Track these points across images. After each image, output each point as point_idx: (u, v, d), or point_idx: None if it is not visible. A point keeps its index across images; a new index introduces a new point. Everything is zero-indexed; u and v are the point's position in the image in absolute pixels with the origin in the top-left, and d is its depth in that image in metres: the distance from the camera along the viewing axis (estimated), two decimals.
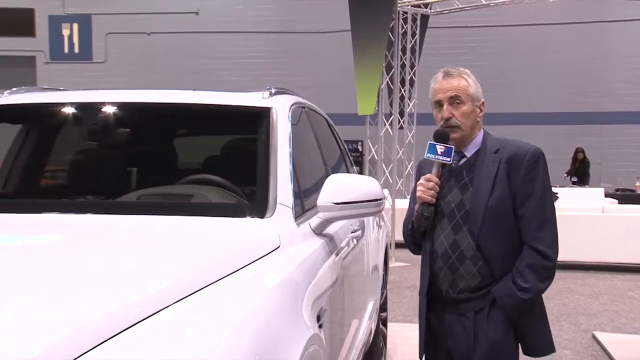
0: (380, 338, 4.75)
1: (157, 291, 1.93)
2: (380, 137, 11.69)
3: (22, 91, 3.47)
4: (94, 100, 3.45)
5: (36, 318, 1.75)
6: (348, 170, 4.50)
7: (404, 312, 6.96)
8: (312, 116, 3.74)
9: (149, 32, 21.50)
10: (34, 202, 3.16)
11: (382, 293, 4.81)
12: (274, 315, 2.05)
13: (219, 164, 3.44)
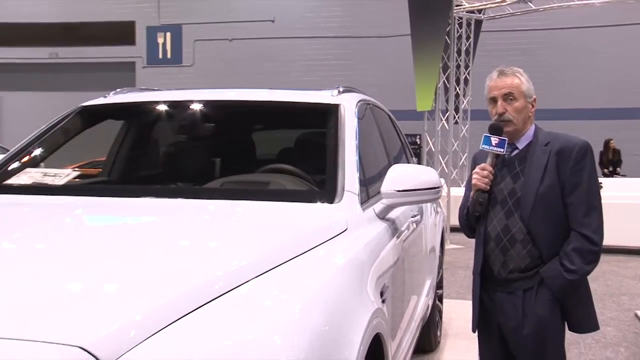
0: (437, 313, 4.70)
1: (238, 267, 1.95)
2: (437, 131, 11.59)
3: (124, 92, 3.56)
4: (184, 98, 3.50)
5: (138, 287, 1.79)
6: (408, 161, 4.45)
7: (457, 290, 6.87)
8: (376, 112, 3.72)
9: (231, 39, 21.74)
10: (134, 188, 3.23)
11: (439, 272, 4.75)
12: (342, 291, 2.04)
13: (292, 155, 3.45)
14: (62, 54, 23.28)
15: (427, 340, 4.41)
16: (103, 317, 1.62)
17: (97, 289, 1.80)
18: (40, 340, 1.51)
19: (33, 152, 3.21)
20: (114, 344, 1.53)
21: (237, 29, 21.46)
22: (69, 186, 3.06)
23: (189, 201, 2.69)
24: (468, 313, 2.98)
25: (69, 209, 2.60)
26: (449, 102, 11.79)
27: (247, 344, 1.60)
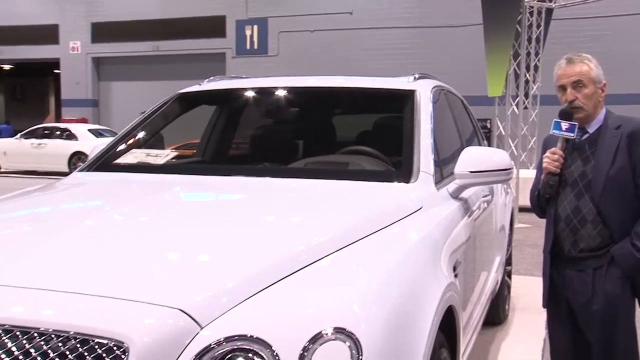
0: (505, 288, 4.59)
1: (320, 242, 1.95)
2: (507, 115, 11.28)
3: (216, 79, 3.62)
4: (270, 85, 3.53)
5: (230, 258, 1.83)
6: (479, 144, 4.34)
7: (525, 267, 6.68)
8: (449, 97, 3.64)
9: (312, 30, 21.77)
10: (225, 167, 3.29)
11: (508, 250, 4.63)
12: (417, 265, 2.02)
13: (370, 138, 3.42)
14: (162, 47, 23.99)
15: (496, 314, 4.32)
16: (199, 284, 1.66)
17: (194, 258, 1.85)
18: (145, 302, 1.56)
19: (137, 135, 3.31)
20: (208, 309, 1.57)
21: (318, 20, 21.47)
22: (168, 165, 3.15)
23: (275, 180, 2.71)
24: (535, 289, 2.89)
25: (168, 186, 2.68)
26: (519, 88, 11.41)
27: (327, 312, 1.60)
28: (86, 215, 2.33)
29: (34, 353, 1.50)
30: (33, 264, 1.77)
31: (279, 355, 1.49)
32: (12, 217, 2.43)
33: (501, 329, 4.40)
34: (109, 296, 1.59)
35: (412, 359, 1.69)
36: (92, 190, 2.80)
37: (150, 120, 3.36)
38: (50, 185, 3.04)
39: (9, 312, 1.57)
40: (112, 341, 1.48)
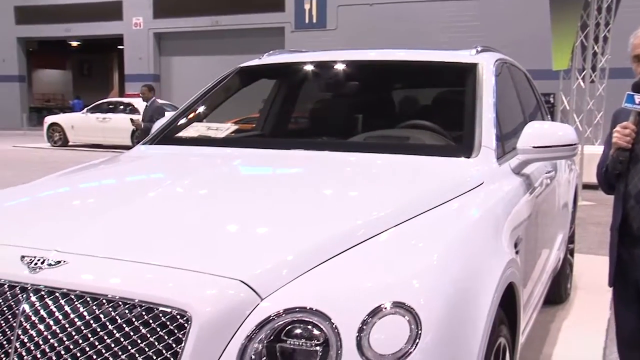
0: (568, 266, 4.49)
1: (378, 216, 1.94)
2: (573, 90, 10.87)
3: (276, 53, 3.63)
4: (330, 59, 3.51)
5: (289, 231, 1.85)
6: (543, 118, 4.22)
7: (588, 245, 6.50)
8: (512, 71, 3.54)
9: (371, 4, 21.51)
10: (285, 140, 3.31)
11: (571, 227, 4.52)
12: (478, 241, 1.99)
13: (431, 112, 3.37)
14: (222, 22, 24.21)
15: (557, 292, 4.23)
16: (259, 256, 1.68)
17: (254, 230, 1.88)
18: (207, 272, 1.60)
19: (198, 109, 3.36)
20: (268, 281, 1.60)
21: None
22: (229, 139, 3.19)
23: (334, 153, 2.71)
24: (598, 268, 2.82)
25: (228, 159, 2.72)
26: (586, 61, 10.99)
27: (387, 287, 1.60)
28: (149, 187, 2.39)
29: (103, 318, 1.56)
30: (101, 234, 1.83)
31: (338, 328, 1.50)
32: (81, 189, 2.52)
33: (562, 308, 4.31)
34: (173, 266, 1.63)
35: (472, 334, 1.68)
36: (155, 163, 2.87)
37: (210, 94, 3.41)
38: (115, 158, 3.13)
39: (80, 279, 1.64)
40: (175, 310, 1.52)
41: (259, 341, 1.51)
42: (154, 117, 8.51)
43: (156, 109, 8.67)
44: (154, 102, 8.68)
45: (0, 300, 1.67)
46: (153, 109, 8.63)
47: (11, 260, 1.72)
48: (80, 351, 1.55)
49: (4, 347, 1.63)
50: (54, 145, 19.59)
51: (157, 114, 8.61)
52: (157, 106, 8.72)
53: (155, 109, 8.63)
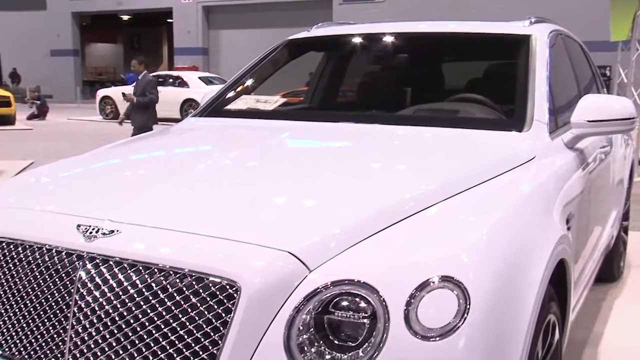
0: (621, 244, 4.38)
1: (427, 190, 1.93)
2: (632, 61, 10.46)
3: (324, 26, 3.61)
4: (379, 31, 3.47)
5: (337, 204, 1.85)
6: (599, 91, 4.09)
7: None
8: (567, 42, 3.43)
9: None
10: (333, 113, 3.30)
11: (625, 204, 4.39)
12: (529, 216, 1.96)
13: (481, 85, 3.31)
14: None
15: (609, 270, 4.14)
16: (307, 228, 1.70)
17: (302, 203, 1.89)
18: (256, 244, 1.62)
19: (247, 82, 3.38)
20: (317, 253, 1.61)
21: None
22: (277, 111, 3.20)
23: (383, 126, 2.69)
24: None
25: (277, 131, 2.73)
26: None
27: (435, 261, 1.59)
28: (199, 158, 2.43)
29: (155, 287, 1.60)
30: (152, 204, 1.88)
31: (385, 301, 1.51)
32: (132, 160, 2.57)
33: (615, 287, 4.22)
34: (222, 237, 1.66)
35: (520, 311, 1.66)
36: (204, 135, 2.92)
37: (259, 67, 3.42)
38: (166, 130, 3.18)
39: (132, 248, 1.68)
40: (225, 280, 1.55)
41: (306, 313, 1.53)
42: (147, 91, 8.32)
43: (148, 82, 8.38)
44: (146, 76, 8.40)
45: (59, 267, 1.73)
46: (145, 82, 8.35)
47: (68, 228, 1.78)
48: (134, 318, 1.60)
49: (64, 312, 1.69)
50: (106, 118, 20.03)
51: (149, 87, 8.39)
52: (149, 80, 8.42)
53: (147, 83, 8.35)
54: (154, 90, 8.38)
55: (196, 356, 1.54)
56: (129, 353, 1.60)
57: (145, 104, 8.26)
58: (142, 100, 8.22)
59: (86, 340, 1.65)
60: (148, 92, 8.28)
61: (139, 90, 8.28)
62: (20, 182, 2.42)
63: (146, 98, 8.25)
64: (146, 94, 8.25)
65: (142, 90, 8.26)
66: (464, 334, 1.49)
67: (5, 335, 1.81)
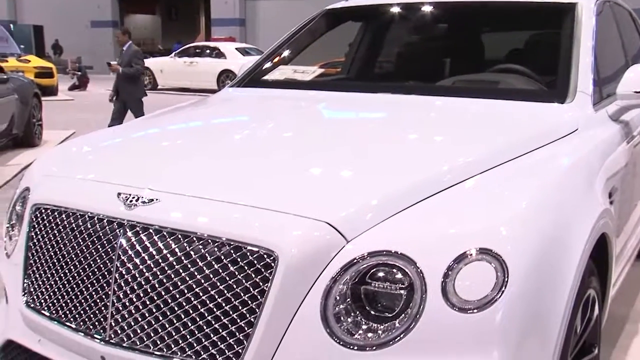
0: None
1: (465, 162, 1.91)
2: None
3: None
4: (417, 0, 3.41)
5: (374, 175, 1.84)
6: None
7: None
8: (616, 10, 3.32)
9: None
10: (371, 84, 3.27)
11: None
12: (570, 190, 1.92)
13: (522, 56, 3.23)
14: None
15: None
16: (344, 199, 1.69)
17: (339, 174, 1.89)
18: (294, 214, 1.62)
19: (284, 53, 3.36)
20: (354, 224, 1.61)
21: None
22: (314, 82, 3.19)
23: (421, 97, 2.66)
24: None
25: (314, 102, 2.72)
26: None
27: (473, 233, 1.58)
28: (237, 128, 2.45)
29: (193, 255, 1.62)
30: (190, 173, 1.90)
31: (423, 272, 1.50)
32: (171, 130, 2.60)
33: None
34: (260, 207, 1.66)
35: (559, 284, 1.64)
36: (242, 105, 2.92)
37: (296, 37, 3.39)
38: (204, 100, 3.20)
39: (170, 216, 1.70)
40: (262, 249, 1.56)
41: (343, 283, 1.53)
42: (132, 62, 8.15)
43: (134, 53, 8.20)
44: (131, 47, 8.22)
45: (101, 234, 1.77)
46: (130, 53, 8.17)
47: (108, 197, 1.81)
48: (173, 285, 1.63)
49: (106, 278, 1.73)
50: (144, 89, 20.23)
51: (135, 58, 8.21)
52: (135, 50, 8.22)
53: (132, 54, 8.18)
54: (140, 61, 8.22)
55: (234, 324, 1.56)
56: (168, 319, 1.63)
57: (132, 74, 8.10)
58: (128, 71, 8.06)
59: (127, 305, 1.69)
60: (134, 63, 8.12)
61: (125, 61, 8.11)
62: (62, 152, 2.47)
63: (132, 69, 8.09)
64: (132, 65, 8.13)
65: (128, 61, 8.11)
66: (501, 307, 1.48)
67: (52, 298, 1.87)
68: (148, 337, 1.66)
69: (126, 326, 1.69)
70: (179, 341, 1.62)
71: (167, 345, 1.64)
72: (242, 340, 1.56)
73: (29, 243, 1.97)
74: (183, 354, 1.61)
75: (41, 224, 1.95)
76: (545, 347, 1.59)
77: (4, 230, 2.23)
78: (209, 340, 1.59)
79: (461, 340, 1.48)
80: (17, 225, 2.14)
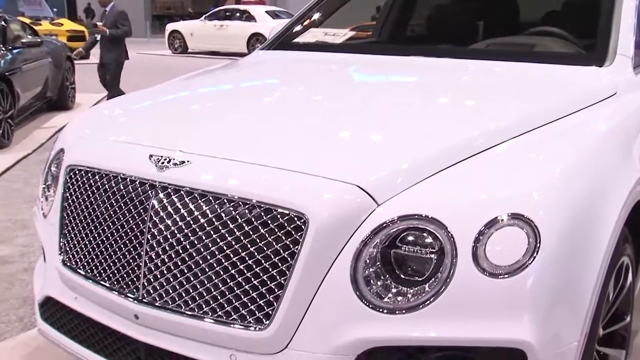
0: None
1: (497, 127, 1.87)
2: None
3: None
4: None
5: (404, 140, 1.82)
6: None
7: None
8: None
9: None
10: (403, 47, 3.22)
11: None
12: (605, 155, 1.87)
13: (559, 18, 3.14)
14: None
15: None
16: (375, 163, 1.68)
17: (369, 137, 1.87)
18: (324, 177, 1.62)
19: (314, 15, 3.32)
20: (384, 187, 1.60)
21: None
22: (345, 45, 3.15)
23: (453, 61, 2.61)
24: None
25: (345, 64, 2.69)
26: None
27: (505, 198, 1.56)
28: (267, 91, 2.44)
29: (224, 217, 1.63)
30: (221, 136, 1.90)
31: (454, 236, 1.49)
32: (202, 93, 2.60)
33: None
34: (291, 169, 1.66)
35: (593, 251, 1.62)
36: (272, 68, 2.91)
37: (326, 0, 3.35)
38: (234, 63, 3.19)
39: (202, 178, 1.71)
40: (293, 212, 1.56)
41: (373, 246, 1.53)
42: (117, 23, 7.80)
43: (118, 14, 7.87)
44: (114, 8, 7.94)
45: (133, 196, 1.79)
46: (114, 14, 7.85)
47: (140, 158, 1.82)
48: (204, 247, 1.65)
49: (138, 238, 1.76)
50: (175, 52, 20.27)
51: (120, 19, 7.75)
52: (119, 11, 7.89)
53: (117, 15, 7.85)
54: (126, 22, 7.91)
55: (264, 285, 1.58)
56: (200, 280, 1.66)
57: (119, 36, 7.86)
58: (115, 32, 7.77)
59: (159, 266, 1.71)
60: (120, 24, 7.85)
61: (109, 22, 7.83)
62: (95, 114, 2.50)
63: (119, 30, 7.79)
64: (118, 26, 7.87)
65: (112, 23, 7.79)
66: (532, 272, 1.47)
67: (87, 257, 1.91)
68: (180, 297, 1.69)
69: (158, 286, 1.72)
70: (210, 302, 1.64)
71: (198, 306, 1.66)
72: (272, 301, 1.57)
73: (64, 203, 2.00)
74: (214, 314, 1.64)
75: (75, 185, 1.97)
76: (576, 314, 1.57)
77: (40, 191, 2.27)
78: (240, 302, 1.61)
79: (491, 305, 1.47)
80: (53, 186, 2.18)
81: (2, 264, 3.68)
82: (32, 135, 7.39)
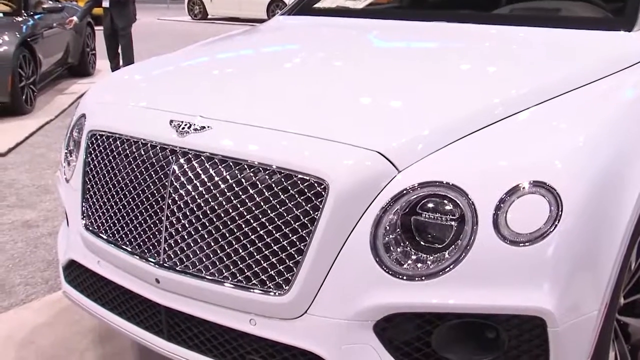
0: None
1: (519, 94, 1.83)
2: None
3: None
4: None
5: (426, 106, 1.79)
6: None
7: None
8: None
9: None
10: (424, 12, 3.16)
11: None
12: (631, 124, 1.82)
13: None
14: None
15: None
16: (395, 129, 1.66)
17: (389, 104, 1.85)
18: (345, 143, 1.60)
19: None
20: (405, 154, 1.58)
21: None
22: (366, 10, 3.10)
23: (476, 26, 2.55)
24: None
25: (366, 30, 2.65)
26: None
27: (527, 165, 1.53)
28: (287, 57, 2.41)
29: (244, 182, 1.63)
30: (241, 101, 1.88)
31: (474, 204, 1.48)
32: (222, 58, 2.58)
33: None
34: (311, 135, 1.65)
35: (615, 220, 1.59)
36: (293, 34, 2.87)
37: None
38: (255, 29, 3.16)
39: (222, 143, 1.70)
40: (313, 178, 1.55)
41: (393, 213, 1.52)
42: None
43: None
44: None
45: (154, 161, 1.79)
46: None
47: (161, 124, 1.82)
48: (224, 212, 1.65)
49: (159, 203, 1.77)
50: (194, 18, 20.18)
51: None
52: None
53: None
54: None
55: (284, 251, 1.58)
56: (220, 245, 1.66)
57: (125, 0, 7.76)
58: None
59: (180, 231, 1.72)
60: None
61: None
62: (115, 80, 2.49)
63: None
64: None
65: None
66: (554, 240, 1.45)
67: (109, 222, 1.93)
68: (200, 262, 1.70)
69: (179, 251, 1.73)
70: (230, 267, 1.65)
71: (218, 271, 1.67)
72: (292, 267, 1.58)
73: (86, 168, 2.02)
74: (234, 279, 1.65)
75: (97, 150, 1.98)
76: (597, 283, 1.56)
77: (62, 156, 2.29)
78: (260, 267, 1.61)
79: (511, 272, 1.46)
80: (75, 151, 2.19)
81: (27, 227, 3.74)
82: (54, 101, 7.44)
